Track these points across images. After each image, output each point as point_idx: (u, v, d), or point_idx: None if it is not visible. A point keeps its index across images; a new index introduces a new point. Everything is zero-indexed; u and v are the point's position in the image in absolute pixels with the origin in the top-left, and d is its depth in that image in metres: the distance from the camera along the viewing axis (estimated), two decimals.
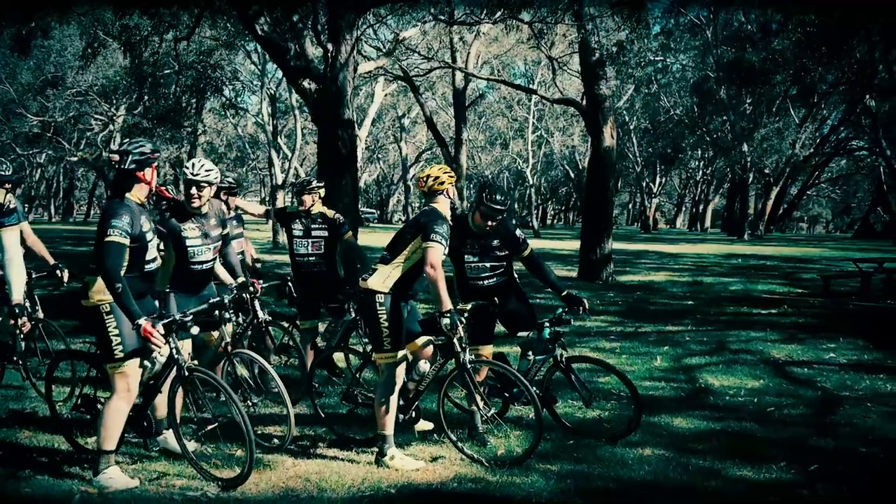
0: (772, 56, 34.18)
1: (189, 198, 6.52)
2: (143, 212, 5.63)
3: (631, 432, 6.67)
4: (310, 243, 8.36)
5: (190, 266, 6.54)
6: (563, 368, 6.76)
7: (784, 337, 11.93)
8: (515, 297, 7.03)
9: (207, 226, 6.60)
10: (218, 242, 6.70)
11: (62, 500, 5.29)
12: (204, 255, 6.60)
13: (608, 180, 20.46)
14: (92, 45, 26.83)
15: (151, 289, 5.83)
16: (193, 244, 6.52)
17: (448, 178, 6.30)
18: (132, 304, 5.29)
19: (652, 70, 47.61)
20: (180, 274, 6.49)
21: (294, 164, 50.78)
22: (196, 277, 6.63)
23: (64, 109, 44.73)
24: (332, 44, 15.39)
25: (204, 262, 6.62)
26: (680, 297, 17.28)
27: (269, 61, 44.39)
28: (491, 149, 66.01)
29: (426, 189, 6.30)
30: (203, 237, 6.56)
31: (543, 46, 25.80)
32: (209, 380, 5.79)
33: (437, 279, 5.96)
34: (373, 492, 5.54)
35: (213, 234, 6.63)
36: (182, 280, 6.46)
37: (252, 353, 6.87)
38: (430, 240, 6.02)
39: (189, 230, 6.50)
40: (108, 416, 5.59)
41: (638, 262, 26.36)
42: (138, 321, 5.25)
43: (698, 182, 66.73)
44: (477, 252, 6.87)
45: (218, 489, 5.51)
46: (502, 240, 6.89)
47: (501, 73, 49.12)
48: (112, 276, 5.28)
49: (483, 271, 6.89)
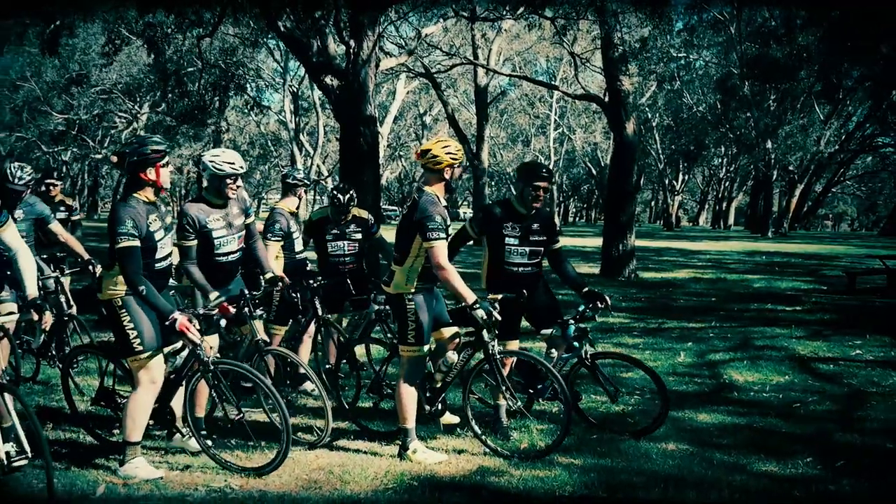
0: (796, 52, 33.90)
1: (225, 189, 6.37)
2: (153, 210, 5.61)
3: (657, 427, 6.62)
4: (346, 245, 8.39)
5: (215, 258, 6.44)
6: (588, 365, 6.73)
7: (809, 333, 11.83)
8: (542, 291, 6.97)
9: (231, 215, 6.48)
10: (242, 232, 6.59)
11: (87, 490, 5.33)
12: (229, 245, 6.48)
13: (630, 177, 20.39)
14: (115, 41, 26.98)
15: (164, 285, 5.81)
16: (219, 235, 6.40)
17: (448, 157, 6.05)
18: (160, 301, 5.38)
19: (675, 66, 47.36)
20: (206, 267, 6.38)
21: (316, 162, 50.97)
22: (222, 269, 6.52)
23: (88, 107, 45.10)
24: (354, 40, 15.40)
25: (229, 252, 6.50)
26: (703, 293, 17.19)
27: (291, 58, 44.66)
28: (513, 146, 65.96)
29: (423, 165, 6.16)
30: (227, 227, 6.44)
31: (566, 43, 25.76)
32: (238, 370, 5.81)
33: (449, 277, 5.93)
34: (396, 484, 5.54)
35: (237, 224, 6.53)
36: (208, 273, 6.36)
37: (284, 349, 6.83)
38: (428, 239, 5.92)
39: (213, 221, 6.38)
40: (132, 409, 5.63)
41: (660, 259, 26.26)
42: (173, 315, 5.32)
43: (721, 179, 66.27)
44: (518, 235, 6.72)
45: (242, 481, 5.54)
46: (542, 225, 6.81)
47: (523, 69, 49.11)
48: (133, 280, 5.38)
49: (521, 256, 6.75)
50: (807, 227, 61.15)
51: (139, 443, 5.68)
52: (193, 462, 5.95)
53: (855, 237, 54.55)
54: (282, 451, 5.56)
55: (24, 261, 5.28)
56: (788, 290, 17.58)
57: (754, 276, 20.30)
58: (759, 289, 17.82)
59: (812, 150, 44.77)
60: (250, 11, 19.22)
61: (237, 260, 6.63)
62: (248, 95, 43.78)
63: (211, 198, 6.42)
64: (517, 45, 44.37)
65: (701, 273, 21.48)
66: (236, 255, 6.58)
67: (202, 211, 6.36)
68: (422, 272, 6.10)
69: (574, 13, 21.48)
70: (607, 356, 7.39)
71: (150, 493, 5.33)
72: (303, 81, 50.34)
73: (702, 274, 21.25)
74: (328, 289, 8.14)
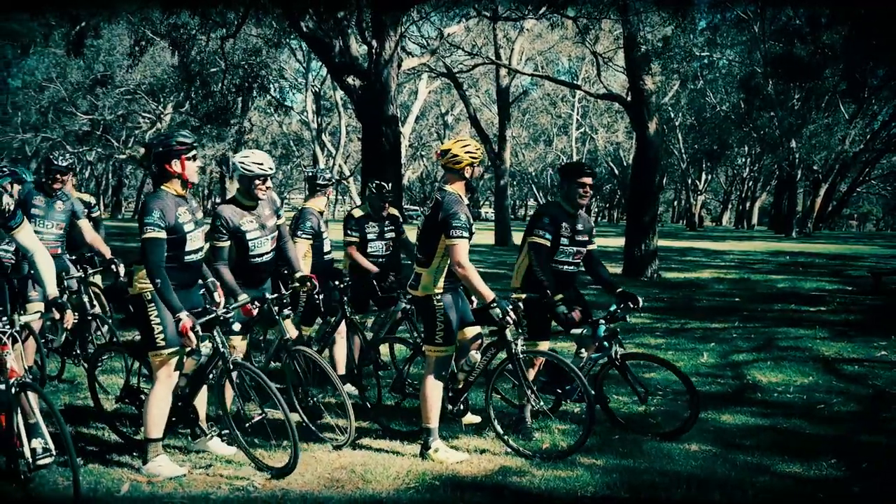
0: (821, 50, 33.63)
1: (254, 190, 6.37)
2: (182, 202, 5.68)
3: (687, 430, 6.55)
4: (383, 245, 8.44)
5: (251, 260, 6.46)
6: (618, 366, 6.69)
7: (833, 334, 11.74)
8: (574, 291, 6.97)
9: (263, 217, 6.50)
10: (275, 233, 6.61)
11: (112, 488, 5.37)
12: (263, 246, 6.50)
13: (653, 177, 20.31)
14: (140, 42, 27.21)
15: (194, 280, 5.87)
16: (253, 237, 6.42)
17: (468, 157, 6.06)
18: (173, 298, 5.42)
19: (698, 65, 47.09)
20: (243, 269, 6.43)
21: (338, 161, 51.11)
22: (258, 270, 6.55)
23: (113, 108, 45.42)
24: (377, 40, 15.44)
25: (263, 254, 6.51)
26: (726, 294, 17.10)
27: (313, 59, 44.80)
28: (535, 146, 65.89)
29: (443, 164, 6.17)
30: (261, 229, 6.46)
31: (588, 42, 25.70)
32: (254, 375, 5.84)
33: (469, 275, 5.93)
34: (418, 483, 5.56)
35: (269, 225, 6.53)
36: (245, 275, 6.40)
37: (310, 350, 6.86)
38: (452, 237, 5.92)
39: (247, 224, 6.40)
40: (151, 405, 5.70)
41: (683, 259, 26.15)
42: (179, 315, 5.37)
43: (745, 179, 65.88)
44: (568, 235, 6.76)
45: (265, 479, 5.57)
46: (584, 225, 6.86)
47: (546, 69, 49.05)
48: (153, 271, 5.44)
49: (569, 256, 6.79)
50: (831, 227, 60.67)
51: (160, 439, 5.73)
52: (217, 459, 6.00)
53: (880, 237, 54.09)
54: (292, 456, 5.57)
55: (41, 261, 5.31)
56: (813, 290, 17.46)
57: (778, 277, 20.17)
58: (783, 289, 17.70)
59: (837, 149, 44.38)
60: (273, 12, 19.32)
61: (272, 261, 6.66)
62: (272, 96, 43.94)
63: (242, 199, 6.44)
64: (539, 45, 44.30)
65: (724, 273, 21.37)
66: (270, 255, 6.61)
67: (235, 213, 6.38)
68: (448, 272, 6.10)
69: (596, 12, 21.43)
70: (637, 357, 7.36)
71: (174, 491, 5.36)
72: (325, 81, 50.52)
73: (725, 274, 21.14)
74: (355, 288, 8.17)
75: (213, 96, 29.57)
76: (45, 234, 7.95)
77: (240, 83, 31.75)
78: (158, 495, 5.29)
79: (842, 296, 16.47)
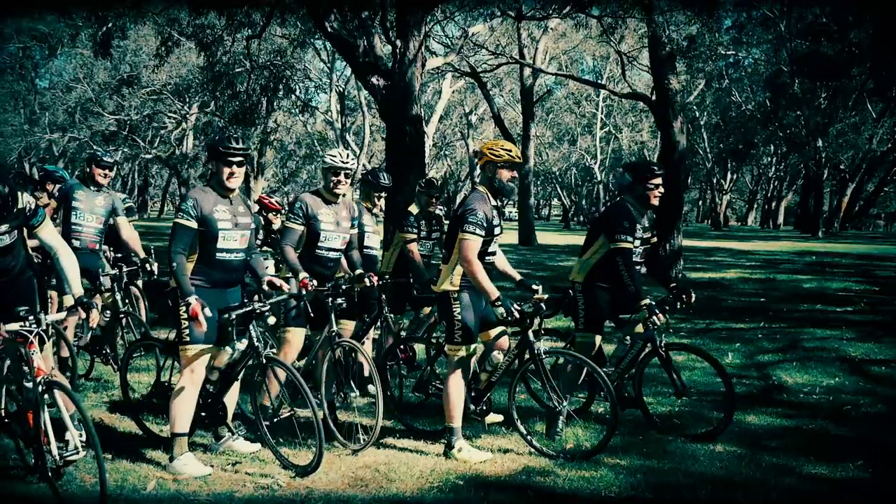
0: (848, 48, 33.32)
1: (335, 185, 6.64)
2: (224, 202, 5.76)
3: (720, 432, 6.49)
4: (431, 244, 8.48)
5: (317, 250, 6.65)
6: (661, 356, 6.65)
7: (860, 335, 11.62)
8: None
9: (339, 216, 6.74)
10: (347, 234, 6.81)
11: (138, 486, 5.42)
12: (333, 241, 6.72)
13: (678, 176, 20.15)
14: (166, 43, 27.43)
15: (229, 281, 5.89)
16: (326, 228, 6.65)
17: (489, 153, 6.16)
18: (185, 282, 5.56)
19: (723, 64, 46.81)
20: (308, 258, 6.60)
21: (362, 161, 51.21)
22: (320, 263, 6.69)
23: (139, 108, 45.84)
24: (401, 40, 15.45)
25: (331, 249, 6.72)
26: (751, 294, 16.98)
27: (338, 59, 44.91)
28: (559, 145, 65.70)
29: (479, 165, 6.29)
30: (335, 224, 6.70)
31: (612, 41, 25.61)
32: (285, 370, 5.87)
33: (474, 271, 5.98)
34: (441, 483, 5.57)
35: (344, 224, 6.77)
36: (310, 266, 6.52)
37: (356, 343, 6.87)
38: (463, 231, 6.02)
39: (323, 214, 6.64)
40: (175, 400, 5.79)
41: (708, 258, 25.99)
42: (188, 299, 5.49)
43: (770, 178, 65.37)
44: (639, 236, 6.79)
45: (289, 477, 5.60)
46: (648, 221, 6.90)
47: (570, 68, 48.93)
48: (170, 254, 5.65)
49: (637, 256, 6.81)
50: (858, 227, 60.06)
51: (184, 434, 5.79)
52: (243, 458, 6.03)
53: None
54: (317, 455, 5.60)
55: (66, 259, 5.36)
56: (839, 290, 17.30)
57: (804, 277, 20.00)
58: (810, 289, 17.55)
59: (864, 148, 43.96)
60: (298, 12, 19.40)
61: (337, 260, 6.84)
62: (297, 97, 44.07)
63: (324, 192, 6.72)
64: (563, 44, 44.19)
65: (749, 273, 21.22)
66: (337, 254, 6.81)
67: (315, 202, 6.65)
68: (465, 274, 6.13)
69: (621, 11, 21.35)
70: (681, 348, 7.33)
71: (199, 489, 5.41)
72: (349, 81, 50.61)
73: (750, 274, 20.99)
74: (396, 288, 8.16)
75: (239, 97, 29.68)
76: (86, 228, 8.17)
77: (265, 84, 31.88)
78: (183, 493, 5.34)
79: (869, 296, 16.31)
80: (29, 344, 4.97)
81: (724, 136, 55.89)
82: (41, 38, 46.69)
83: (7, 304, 5.12)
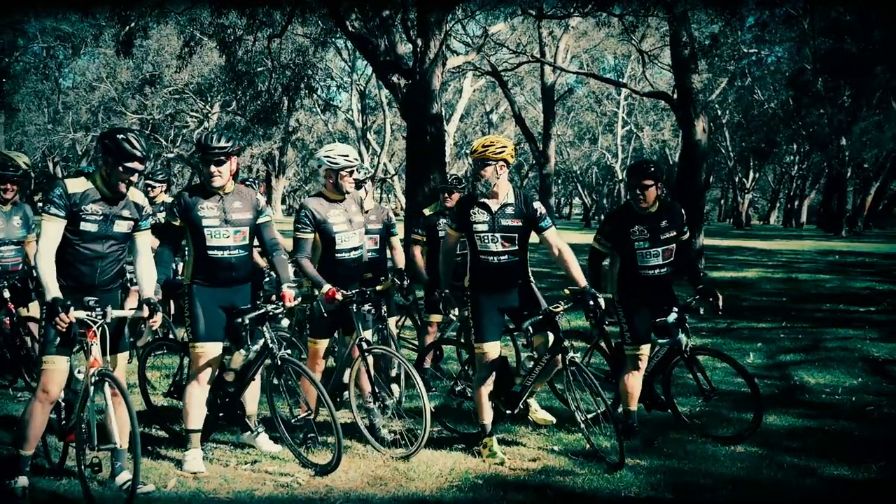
0: (872, 46, 33.02)
1: (340, 182, 6.31)
2: (215, 199, 5.80)
3: (748, 436, 6.42)
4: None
5: (336, 254, 6.32)
6: (686, 359, 6.59)
7: (884, 335, 11.52)
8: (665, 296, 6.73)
9: (350, 212, 6.41)
10: (362, 228, 6.52)
11: (158, 483, 5.46)
12: (351, 240, 6.37)
13: (699, 175, 20.08)
14: (188, 43, 27.57)
15: (227, 280, 5.82)
16: (340, 230, 6.31)
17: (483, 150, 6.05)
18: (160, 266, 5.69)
19: (745, 63, 46.50)
20: (327, 265, 6.29)
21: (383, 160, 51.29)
22: (343, 266, 6.37)
23: (161, 107, 46.05)
24: (421, 39, 15.48)
25: (350, 249, 6.38)
26: (773, 293, 16.88)
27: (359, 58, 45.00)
28: (580, 144, 65.48)
29: None
30: (348, 223, 6.36)
31: (634, 40, 25.50)
32: (301, 371, 5.89)
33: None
34: (461, 482, 5.58)
35: (357, 220, 6.45)
36: (329, 272, 6.21)
37: (391, 349, 6.83)
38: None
39: (334, 216, 6.31)
40: (185, 397, 5.89)
41: (730, 258, 25.85)
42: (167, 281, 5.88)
43: (793, 177, 64.84)
44: (646, 237, 6.49)
45: (309, 476, 5.63)
46: (670, 219, 6.56)
47: (591, 66, 48.76)
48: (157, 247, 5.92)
49: (654, 258, 6.50)
50: (882, 226, 59.51)
51: (198, 431, 5.85)
52: (262, 456, 6.07)
53: None
54: (336, 454, 5.61)
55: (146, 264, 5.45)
56: (862, 289, 17.16)
57: (827, 276, 19.87)
58: (832, 289, 17.43)
59: (888, 146, 43.58)
60: (319, 11, 19.45)
61: (360, 258, 6.52)
62: (318, 96, 44.21)
63: (328, 193, 6.39)
64: (585, 43, 43.98)
65: (771, 273, 21.10)
66: (358, 252, 6.47)
67: (321, 206, 6.32)
68: (472, 273, 6.14)
69: (643, 10, 21.25)
70: (706, 352, 7.25)
71: (219, 487, 5.44)
72: (370, 80, 50.68)
73: (772, 273, 20.86)
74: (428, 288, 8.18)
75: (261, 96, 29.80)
76: None
77: (287, 83, 32.00)
78: (203, 491, 5.37)
79: (892, 296, 16.16)
80: (91, 334, 5.02)
81: (747, 135, 55.53)
82: (65, 38, 47.06)
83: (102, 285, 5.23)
